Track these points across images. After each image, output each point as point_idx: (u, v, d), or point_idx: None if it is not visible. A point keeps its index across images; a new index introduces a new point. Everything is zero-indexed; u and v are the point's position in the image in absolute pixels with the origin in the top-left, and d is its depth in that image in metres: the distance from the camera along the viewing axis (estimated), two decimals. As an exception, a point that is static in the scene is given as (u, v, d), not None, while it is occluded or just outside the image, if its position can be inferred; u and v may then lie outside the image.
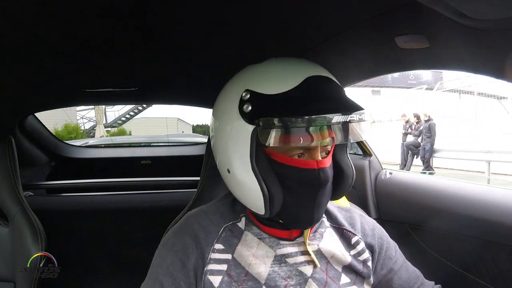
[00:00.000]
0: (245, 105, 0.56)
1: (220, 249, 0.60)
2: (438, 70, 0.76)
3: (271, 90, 0.56)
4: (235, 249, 0.61)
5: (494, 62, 0.56)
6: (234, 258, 0.60)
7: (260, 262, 0.60)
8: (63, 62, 0.90)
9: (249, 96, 0.56)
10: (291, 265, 0.61)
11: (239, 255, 0.60)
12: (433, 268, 1.02)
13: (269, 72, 0.60)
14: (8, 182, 1.20)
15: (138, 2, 0.61)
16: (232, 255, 0.60)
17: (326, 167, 0.57)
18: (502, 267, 0.86)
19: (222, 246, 0.61)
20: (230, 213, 0.65)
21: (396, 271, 0.68)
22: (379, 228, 0.71)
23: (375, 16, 0.61)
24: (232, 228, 0.63)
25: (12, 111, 1.34)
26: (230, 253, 0.60)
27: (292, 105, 0.53)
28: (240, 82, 0.60)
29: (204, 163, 0.94)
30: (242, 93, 0.57)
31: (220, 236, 0.61)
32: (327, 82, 0.58)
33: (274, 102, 0.54)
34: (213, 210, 0.66)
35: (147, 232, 1.18)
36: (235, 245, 0.61)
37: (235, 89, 0.60)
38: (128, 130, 12.88)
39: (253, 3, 0.62)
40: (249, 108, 0.55)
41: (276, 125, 0.52)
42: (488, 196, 0.95)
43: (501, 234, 0.86)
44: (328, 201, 0.62)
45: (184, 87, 1.30)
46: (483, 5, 0.41)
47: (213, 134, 0.65)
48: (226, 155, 0.60)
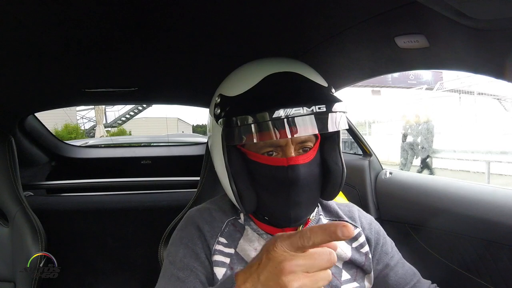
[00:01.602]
0: (216, 108, 0.60)
1: (224, 242, 0.61)
2: (438, 70, 0.76)
3: (233, 91, 0.59)
4: (237, 244, 0.61)
5: (494, 62, 0.56)
6: (237, 253, 0.60)
7: None
8: (63, 62, 0.90)
9: (219, 100, 0.61)
10: None
11: (241, 250, 0.61)
12: (433, 268, 1.02)
13: (235, 75, 0.63)
14: (8, 182, 1.20)
15: (138, 3, 0.61)
16: (235, 250, 0.61)
17: (299, 164, 0.55)
18: (502, 267, 0.86)
19: (225, 240, 0.61)
20: (231, 209, 0.66)
21: (392, 266, 0.68)
22: (375, 223, 0.71)
23: (375, 16, 0.61)
24: (234, 223, 0.64)
25: (12, 111, 1.34)
26: (233, 247, 0.61)
27: (246, 104, 0.56)
28: (219, 87, 0.64)
29: (204, 163, 0.94)
30: (216, 97, 0.62)
31: (224, 230, 0.62)
32: (289, 77, 0.58)
33: (234, 103, 0.58)
34: (215, 207, 0.67)
35: (147, 232, 1.18)
36: (237, 240, 0.62)
37: (215, 93, 0.64)
38: (128, 130, 12.88)
39: (253, 3, 0.62)
40: (218, 111, 0.59)
41: (233, 125, 0.55)
42: (488, 196, 0.95)
43: (501, 234, 0.86)
44: (314, 200, 0.61)
45: (183, 87, 1.30)
46: (483, 5, 0.41)
47: (210, 134, 0.67)
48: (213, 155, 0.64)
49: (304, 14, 0.65)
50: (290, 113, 0.50)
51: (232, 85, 0.61)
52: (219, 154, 0.60)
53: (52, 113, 2.31)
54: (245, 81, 0.59)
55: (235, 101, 0.58)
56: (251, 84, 0.58)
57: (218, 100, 0.61)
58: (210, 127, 0.66)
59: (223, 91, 0.61)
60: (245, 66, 0.64)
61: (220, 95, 0.61)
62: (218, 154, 0.60)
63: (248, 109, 0.54)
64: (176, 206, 0.98)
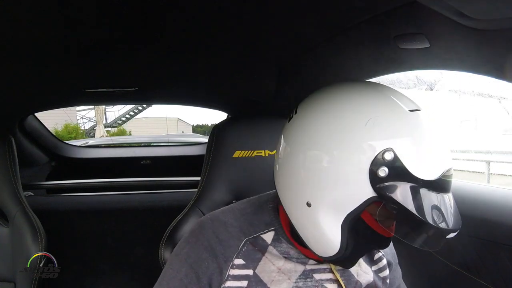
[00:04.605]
0: (382, 167, 0.46)
1: (240, 264, 0.56)
2: (438, 70, 0.75)
3: (421, 172, 0.47)
4: (257, 265, 0.57)
5: (494, 62, 0.56)
6: (256, 274, 0.56)
7: (285, 278, 0.57)
8: (63, 62, 0.90)
9: (392, 159, 0.46)
10: (316, 281, 0.59)
11: (261, 271, 0.57)
12: (433, 268, 1.02)
13: (425, 146, 0.49)
14: (8, 182, 1.19)
15: (138, 3, 0.61)
16: (254, 271, 0.56)
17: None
18: (502, 267, 0.86)
19: (243, 261, 0.57)
20: (252, 224, 0.60)
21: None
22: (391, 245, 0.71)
23: (375, 16, 0.61)
24: (254, 242, 0.58)
25: (12, 111, 1.34)
26: (252, 268, 0.56)
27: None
28: (382, 133, 0.48)
29: (204, 163, 0.94)
30: (385, 151, 0.47)
31: (241, 250, 0.57)
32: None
33: (416, 188, 0.47)
34: (232, 221, 0.60)
35: (147, 232, 1.18)
36: (257, 260, 0.57)
37: (372, 134, 0.48)
38: (128, 130, 12.87)
39: (253, 3, 0.62)
40: (386, 172, 0.46)
41: (402, 216, 0.48)
42: (488, 196, 0.95)
43: (501, 234, 0.86)
44: None
45: (183, 87, 1.30)
46: (483, 5, 0.41)
47: (290, 148, 0.55)
48: (315, 189, 0.51)
49: (304, 14, 0.65)
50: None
51: (420, 161, 0.47)
52: (334, 199, 0.50)
53: (52, 113, 2.31)
54: (435, 166, 0.48)
55: (419, 184, 0.47)
56: (437, 173, 0.48)
57: (389, 158, 0.46)
58: (307, 148, 0.52)
59: (399, 152, 0.47)
60: (431, 138, 0.50)
61: (394, 154, 0.46)
62: (333, 199, 0.50)
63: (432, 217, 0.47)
64: (177, 206, 0.98)
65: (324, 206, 0.50)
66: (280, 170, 0.57)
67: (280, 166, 0.57)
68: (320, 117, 0.52)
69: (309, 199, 0.52)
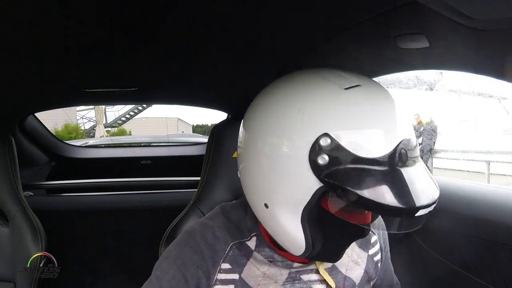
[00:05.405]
0: (321, 155, 0.44)
1: (227, 268, 0.57)
2: (438, 70, 0.75)
3: (366, 151, 0.43)
4: (243, 269, 0.57)
5: (494, 62, 0.56)
6: (242, 279, 0.57)
7: (271, 281, 0.57)
8: (63, 62, 0.90)
9: (329, 144, 0.44)
10: (305, 282, 0.58)
11: (247, 275, 0.57)
12: (433, 268, 1.02)
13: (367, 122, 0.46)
14: (8, 182, 1.20)
15: (138, 3, 0.61)
16: (240, 275, 0.57)
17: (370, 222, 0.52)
18: (502, 267, 0.86)
19: (229, 265, 0.57)
20: (238, 229, 0.60)
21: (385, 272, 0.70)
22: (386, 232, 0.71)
23: (375, 16, 0.61)
24: (240, 247, 0.58)
25: (12, 111, 1.34)
26: (238, 273, 0.57)
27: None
28: (313, 119, 0.46)
29: (204, 163, 0.94)
30: (320, 138, 0.44)
31: (227, 255, 0.57)
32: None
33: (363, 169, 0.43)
34: (219, 224, 0.60)
35: (147, 232, 1.18)
36: (243, 265, 0.57)
37: (305, 123, 0.46)
38: (128, 130, 12.87)
39: (253, 3, 0.62)
40: (325, 160, 0.44)
41: (354, 202, 0.43)
42: (488, 196, 0.95)
43: (501, 234, 0.86)
44: None
45: (183, 87, 1.30)
46: (483, 5, 0.41)
47: (244, 151, 0.54)
48: (267, 190, 0.50)
49: (304, 14, 0.65)
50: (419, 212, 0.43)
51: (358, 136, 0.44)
52: (285, 197, 0.48)
53: (52, 113, 2.31)
54: (381, 137, 0.44)
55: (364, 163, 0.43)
56: (387, 149, 0.44)
57: (326, 143, 0.44)
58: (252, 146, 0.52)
59: (335, 134, 0.44)
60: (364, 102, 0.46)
61: (330, 138, 0.44)
62: (285, 196, 0.48)
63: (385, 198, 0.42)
64: (177, 206, 0.98)
65: (279, 205, 0.49)
66: (240, 174, 0.57)
67: (240, 170, 0.57)
68: (258, 117, 0.51)
69: (265, 200, 0.51)
